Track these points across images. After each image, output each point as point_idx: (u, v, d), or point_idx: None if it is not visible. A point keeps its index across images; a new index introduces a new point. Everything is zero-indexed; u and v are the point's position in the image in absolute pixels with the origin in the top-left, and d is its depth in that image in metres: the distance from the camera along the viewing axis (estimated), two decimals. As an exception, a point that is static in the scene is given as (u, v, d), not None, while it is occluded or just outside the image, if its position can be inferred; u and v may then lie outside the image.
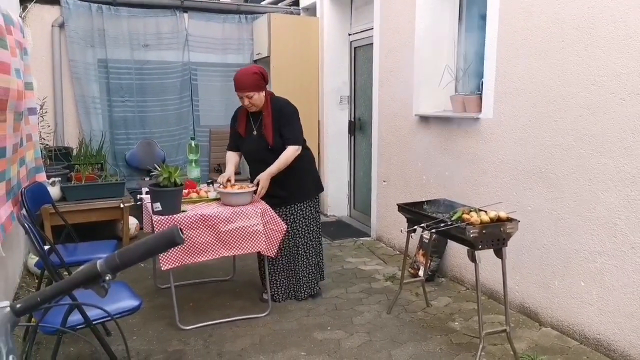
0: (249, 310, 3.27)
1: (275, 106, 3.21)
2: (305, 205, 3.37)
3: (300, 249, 3.38)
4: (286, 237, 3.32)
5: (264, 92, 3.18)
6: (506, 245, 2.54)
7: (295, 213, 3.36)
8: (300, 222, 3.37)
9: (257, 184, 3.13)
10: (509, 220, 2.53)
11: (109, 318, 2.26)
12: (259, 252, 3.25)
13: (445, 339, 2.91)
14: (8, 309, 0.86)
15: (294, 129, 3.22)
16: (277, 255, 3.25)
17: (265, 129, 3.18)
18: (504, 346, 2.76)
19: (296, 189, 3.31)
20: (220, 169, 6.06)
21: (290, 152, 3.18)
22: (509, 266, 3.09)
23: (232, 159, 3.40)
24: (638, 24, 2.42)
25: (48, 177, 3.91)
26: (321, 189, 3.51)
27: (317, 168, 3.62)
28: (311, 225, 3.41)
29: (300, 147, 3.23)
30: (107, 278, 0.90)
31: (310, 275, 3.44)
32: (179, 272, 3.60)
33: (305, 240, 3.40)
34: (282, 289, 3.43)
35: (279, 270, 3.40)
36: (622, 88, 2.51)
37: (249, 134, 3.26)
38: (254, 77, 3.10)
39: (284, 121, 3.19)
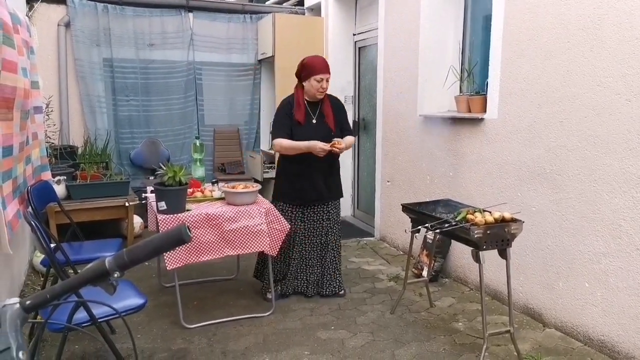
0: (252, 310, 3.28)
1: (332, 98, 3.43)
2: (337, 204, 3.50)
3: (329, 246, 3.45)
4: (318, 233, 3.42)
5: None
6: (510, 246, 2.54)
7: (331, 210, 3.44)
8: (333, 220, 3.46)
9: (334, 143, 3.18)
10: (514, 220, 2.53)
11: (114, 316, 2.27)
12: (260, 252, 3.27)
13: (448, 339, 2.91)
14: (18, 305, 0.87)
15: (349, 123, 3.47)
16: (276, 254, 3.25)
17: (327, 117, 3.32)
18: (508, 347, 2.76)
19: (335, 186, 3.46)
20: (224, 167, 6.08)
21: (352, 140, 3.43)
22: (513, 267, 3.08)
23: (294, 142, 3.29)
24: (644, 25, 2.41)
25: (53, 176, 3.93)
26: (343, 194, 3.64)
27: None
28: (338, 224, 3.51)
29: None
30: (116, 275, 0.91)
31: (336, 273, 3.50)
32: (183, 271, 3.61)
33: (335, 238, 3.48)
34: (312, 284, 3.48)
35: (309, 265, 3.44)
36: (627, 89, 2.51)
37: (308, 122, 3.31)
38: (327, 61, 3.31)
39: (343, 113, 3.45)
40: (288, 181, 3.36)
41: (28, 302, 0.89)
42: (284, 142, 3.25)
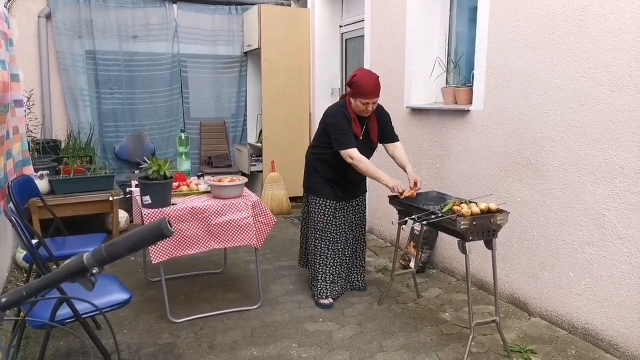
0: (240, 303, 3.27)
1: (376, 110, 3.20)
2: (363, 198, 3.48)
3: (359, 240, 3.46)
4: (359, 226, 3.42)
5: None
6: (496, 237, 2.55)
7: (362, 204, 3.45)
8: (364, 213, 3.48)
9: (415, 183, 3.05)
10: (499, 211, 2.55)
11: (98, 312, 2.25)
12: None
13: (435, 330, 2.93)
14: (-7, 303, 0.85)
15: (393, 127, 3.34)
16: (261, 246, 3.21)
17: (372, 131, 3.21)
18: (494, 336, 2.78)
19: (362, 182, 3.42)
20: (211, 161, 6.03)
21: (402, 148, 3.32)
22: (499, 257, 3.12)
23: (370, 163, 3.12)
24: (627, 16, 2.43)
25: (36, 170, 3.87)
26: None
27: None
28: (364, 219, 3.51)
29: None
30: (95, 271, 0.89)
31: (364, 266, 3.53)
32: (169, 265, 3.58)
33: (363, 231, 3.49)
34: (356, 275, 3.49)
35: (345, 260, 3.39)
36: (611, 80, 2.53)
37: (362, 137, 3.17)
38: (378, 82, 3.07)
39: (387, 122, 3.28)
40: (322, 179, 3.25)
41: (4, 300, 0.87)
42: (365, 160, 3.03)
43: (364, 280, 3.53)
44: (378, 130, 3.23)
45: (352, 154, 3.03)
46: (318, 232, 3.25)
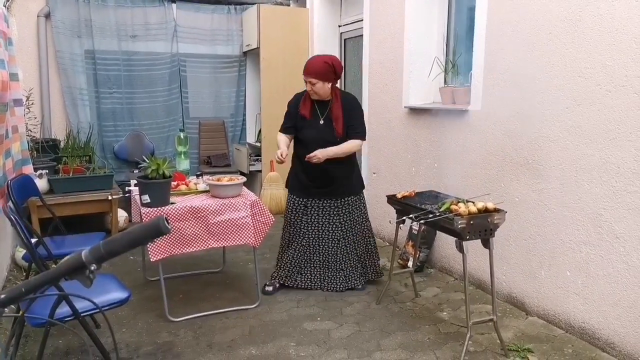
0: (239, 302, 3.28)
1: (345, 100, 3.28)
2: (351, 200, 3.42)
3: (341, 242, 3.41)
4: (330, 229, 3.39)
5: (330, 84, 3.20)
6: (493, 236, 2.56)
7: (341, 207, 3.39)
8: (346, 216, 3.40)
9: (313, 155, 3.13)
10: (497, 211, 2.56)
11: (97, 310, 2.25)
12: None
13: (433, 329, 2.94)
14: (-8, 299, 0.86)
15: (363, 125, 3.34)
16: (259, 245, 3.24)
17: (335, 119, 3.22)
18: (491, 335, 2.80)
19: (345, 182, 3.38)
20: (210, 160, 6.04)
21: (356, 144, 3.27)
22: (497, 256, 3.12)
23: (284, 140, 3.33)
24: (624, 16, 2.44)
25: (35, 170, 3.87)
26: (364, 186, 3.59)
27: None
28: (357, 220, 3.44)
29: (364, 143, 3.31)
30: (92, 268, 0.90)
31: (349, 269, 3.45)
32: (168, 264, 3.59)
33: (349, 235, 3.42)
34: (316, 279, 3.46)
35: (313, 259, 3.43)
36: (608, 80, 2.54)
37: (314, 119, 3.25)
38: (323, 65, 3.15)
39: (354, 115, 3.29)
40: (293, 173, 3.43)
41: (2, 297, 0.87)
42: (278, 138, 3.33)
43: (360, 280, 3.50)
44: (343, 119, 3.23)
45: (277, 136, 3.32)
46: (285, 226, 3.42)
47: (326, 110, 3.24)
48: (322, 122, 3.23)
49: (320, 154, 3.11)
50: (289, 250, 3.45)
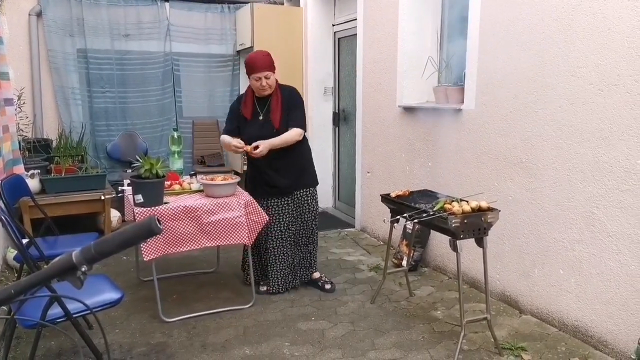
0: (233, 302, 3.27)
1: (285, 92, 3.28)
2: (304, 195, 3.39)
3: (299, 239, 3.42)
4: (287, 225, 3.36)
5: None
6: (487, 235, 2.57)
7: (294, 202, 3.36)
8: (298, 211, 3.38)
9: (255, 148, 3.09)
10: (490, 210, 2.56)
11: (89, 311, 2.24)
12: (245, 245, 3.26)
13: (427, 328, 2.95)
14: (-19, 301, 0.85)
15: (301, 115, 3.30)
16: (252, 244, 3.23)
17: (272, 113, 3.21)
18: (485, 334, 2.80)
19: (297, 178, 3.34)
20: (204, 160, 6.02)
21: (293, 133, 3.21)
22: (490, 255, 3.13)
23: (229, 137, 3.28)
24: (616, 16, 2.45)
25: (27, 170, 3.84)
26: (317, 182, 3.54)
27: None
28: (310, 215, 3.42)
29: (303, 132, 3.27)
30: (83, 269, 0.89)
31: (303, 262, 3.48)
32: (162, 264, 3.57)
33: (304, 229, 3.42)
34: (281, 279, 3.41)
35: (284, 258, 3.39)
36: (600, 79, 2.55)
37: (254, 118, 3.25)
38: (268, 57, 3.18)
39: (292, 106, 3.26)
40: (250, 175, 3.45)
41: (-8, 298, 0.86)
42: (222, 139, 3.33)
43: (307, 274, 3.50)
44: (281, 113, 3.21)
45: (221, 139, 3.35)
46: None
47: (265, 106, 3.25)
48: (261, 117, 3.24)
49: (262, 147, 3.09)
50: (265, 253, 3.42)
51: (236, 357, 2.64)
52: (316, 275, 3.54)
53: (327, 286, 3.47)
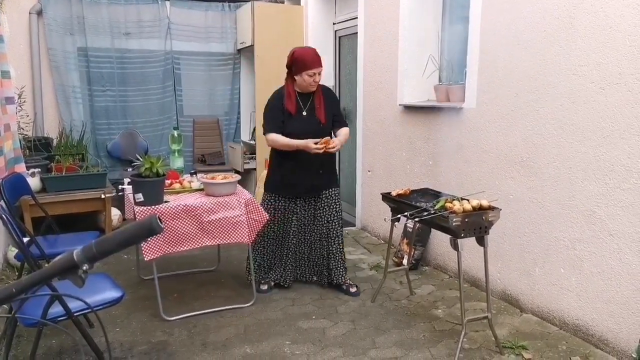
0: (233, 301, 3.27)
1: (325, 89, 3.32)
2: (332, 193, 3.40)
3: (330, 235, 3.40)
4: (317, 223, 3.36)
5: None
6: (488, 234, 2.57)
7: (325, 200, 3.37)
8: (333, 208, 3.39)
9: (325, 140, 3.08)
10: (491, 208, 2.56)
11: (90, 310, 2.24)
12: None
13: (428, 326, 2.95)
14: (-18, 300, 0.85)
15: (343, 113, 3.36)
16: (251, 242, 3.23)
17: (317, 109, 3.23)
18: (486, 332, 2.80)
19: (332, 174, 3.39)
20: (204, 159, 6.02)
21: (347, 131, 3.32)
22: (491, 254, 3.13)
23: (285, 138, 3.19)
24: (618, 14, 2.44)
25: (27, 168, 3.84)
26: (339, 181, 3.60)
27: None
28: (336, 213, 3.42)
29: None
30: (85, 268, 0.89)
31: (340, 262, 3.45)
32: (162, 263, 3.57)
33: (336, 226, 3.41)
34: (312, 273, 3.47)
35: (306, 255, 3.42)
36: (602, 78, 2.54)
37: (298, 113, 3.22)
38: (318, 53, 3.18)
39: (335, 105, 3.35)
40: (280, 175, 3.30)
41: (-7, 297, 0.86)
42: (277, 138, 3.16)
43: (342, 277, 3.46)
44: (325, 109, 3.23)
45: (267, 137, 3.19)
46: (271, 226, 3.35)
47: (308, 102, 3.24)
48: (304, 113, 3.22)
49: (338, 143, 3.12)
50: (283, 250, 3.42)
51: (237, 355, 2.64)
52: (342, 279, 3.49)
53: (352, 289, 3.41)
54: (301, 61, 3.13)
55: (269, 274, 3.47)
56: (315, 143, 3.07)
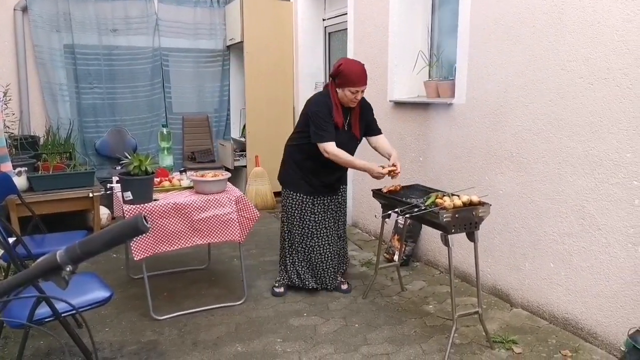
0: (224, 299, 3.25)
1: (362, 102, 3.16)
2: (344, 190, 3.40)
3: (341, 236, 3.40)
4: (332, 222, 3.31)
5: None
6: (478, 229, 2.57)
7: (343, 196, 3.39)
8: (343, 207, 3.40)
9: (393, 164, 2.99)
10: (481, 204, 2.57)
11: (76, 311, 2.21)
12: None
13: (419, 322, 2.95)
14: (-38, 303, 0.82)
15: (376, 120, 3.29)
16: (244, 241, 3.18)
17: (354, 124, 3.14)
18: (477, 327, 2.81)
19: (345, 171, 3.35)
20: (194, 156, 5.97)
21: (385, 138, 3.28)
22: (481, 249, 3.14)
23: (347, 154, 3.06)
24: (606, 9, 2.45)
25: (14, 167, 3.78)
26: None
27: None
28: (345, 209, 3.44)
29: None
30: (68, 269, 0.87)
31: (342, 257, 3.44)
32: (152, 261, 3.54)
33: (343, 223, 3.41)
34: (332, 275, 3.37)
35: (329, 256, 3.33)
36: (590, 73, 2.55)
37: (342, 128, 3.10)
38: (365, 70, 3.02)
39: (370, 114, 3.24)
40: (302, 172, 3.19)
41: (-26, 299, 0.84)
42: (339, 153, 2.98)
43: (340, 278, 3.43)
44: (359, 123, 3.16)
45: (327, 148, 2.97)
46: (296, 228, 3.24)
47: (348, 116, 3.13)
48: (346, 128, 3.12)
49: (400, 165, 3.02)
50: (300, 249, 3.30)
51: (228, 354, 2.63)
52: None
53: (344, 286, 3.39)
54: (347, 76, 2.94)
55: (308, 277, 3.33)
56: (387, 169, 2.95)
